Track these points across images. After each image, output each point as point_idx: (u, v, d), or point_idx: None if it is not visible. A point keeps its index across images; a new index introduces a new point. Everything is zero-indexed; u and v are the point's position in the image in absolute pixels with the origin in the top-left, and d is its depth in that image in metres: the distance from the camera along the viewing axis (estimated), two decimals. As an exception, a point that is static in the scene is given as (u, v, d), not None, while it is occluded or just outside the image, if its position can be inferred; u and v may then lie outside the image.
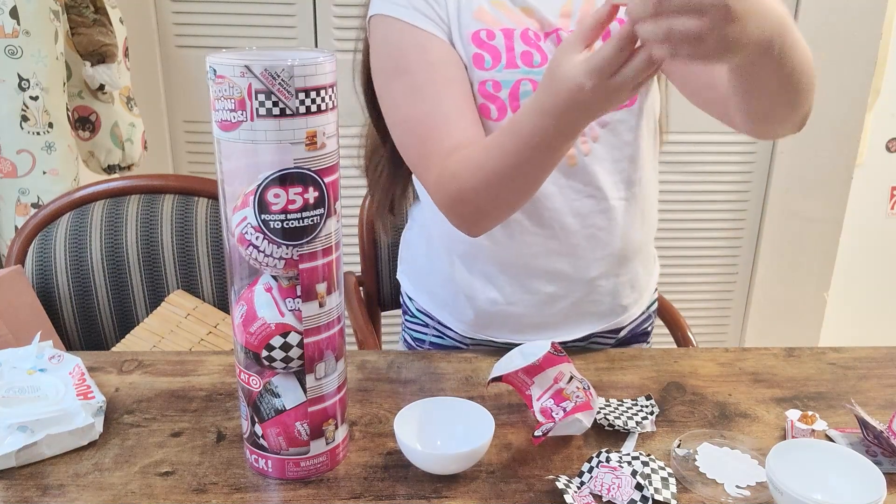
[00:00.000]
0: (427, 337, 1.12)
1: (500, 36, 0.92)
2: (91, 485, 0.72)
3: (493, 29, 0.92)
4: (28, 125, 1.44)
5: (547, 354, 0.84)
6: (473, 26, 0.92)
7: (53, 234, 1.25)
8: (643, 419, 0.83)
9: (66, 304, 1.25)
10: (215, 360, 0.97)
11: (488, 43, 0.92)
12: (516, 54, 0.92)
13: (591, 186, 0.97)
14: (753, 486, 0.74)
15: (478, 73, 0.92)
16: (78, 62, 1.63)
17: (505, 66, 0.92)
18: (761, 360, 0.99)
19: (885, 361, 0.99)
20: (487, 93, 0.93)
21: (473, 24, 0.92)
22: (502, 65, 0.92)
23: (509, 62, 0.92)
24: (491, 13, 0.93)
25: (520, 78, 0.92)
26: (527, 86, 0.92)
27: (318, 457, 0.74)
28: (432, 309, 1.10)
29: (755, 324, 2.32)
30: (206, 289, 1.30)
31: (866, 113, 2.12)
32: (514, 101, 0.93)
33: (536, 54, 0.92)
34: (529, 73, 0.92)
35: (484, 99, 0.93)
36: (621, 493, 0.69)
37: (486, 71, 0.92)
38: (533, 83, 0.92)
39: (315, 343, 0.70)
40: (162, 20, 1.95)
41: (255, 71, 0.61)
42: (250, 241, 0.66)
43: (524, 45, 0.92)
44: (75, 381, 0.84)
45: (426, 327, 1.12)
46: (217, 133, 0.65)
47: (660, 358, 1.00)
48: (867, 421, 0.76)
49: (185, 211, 1.29)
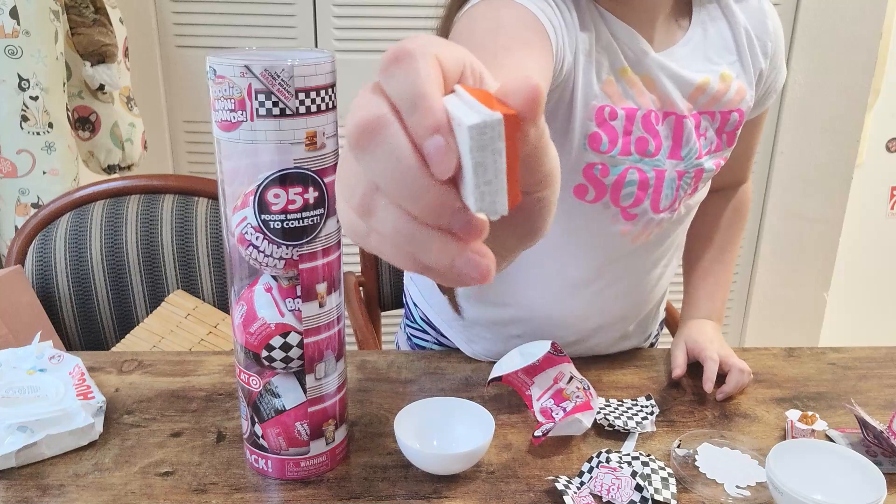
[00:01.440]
0: (427, 344, 1.12)
1: (622, 116, 0.83)
2: (91, 485, 0.72)
3: (616, 107, 0.83)
4: (28, 125, 1.44)
5: (547, 354, 0.84)
6: (600, 100, 0.82)
7: (53, 234, 1.25)
8: (643, 419, 0.83)
9: (66, 304, 1.25)
10: (215, 360, 0.97)
11: (609, 123, 0.83)
12: (632, 139, 0.84)
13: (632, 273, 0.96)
14: (753, 486, 0.74)
15: (589, 155, 0.84)
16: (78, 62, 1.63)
17: (619, 153, 0.84)
18: (761, 360, 0.99)
19: (885, 361, 0.99)
20: (593, 176, 0.85)
21: (601, 98, 0.82)
22: (617, 150, 0.84)
23: (623, 147, 0.84)
24: (617, 87, 0.83)
25: (629, 166, 0.85)
26: (633, 174, 0.85)
27: (318, 457, 0.74)
28: (439, 324, 1.09)
29: (755, 324, 2.32)
30: (206, 289, 1.30)
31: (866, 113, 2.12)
32: (615, 189, 0.86)
33: (652, 142, 0.85)
34: (639, 163, 0.85)
35: (586, 180, 0.85)
36: (621, 494, 0.69)
37: (601, 154, 0.84)
38: (639, 171, 0.85)
39: (315, 343, 0.70)
40: (162, 20, 1.95)
41: (255, 71, 0.61)
42: (250, 241, 0.66)
43: (643, 129, 0.84)
44: (75, 381, 0.84)
45: (426, 334, 1.12)
46: (217, 133, 0.65)
47: (660, 358, 1.00)
48: (867, 421, 0.76)
49: (185, 211, 1.29)
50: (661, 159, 0.87)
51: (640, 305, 1.00)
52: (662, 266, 0.98)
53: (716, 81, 0.88)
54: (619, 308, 0.97)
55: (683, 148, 0.88)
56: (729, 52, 0.90)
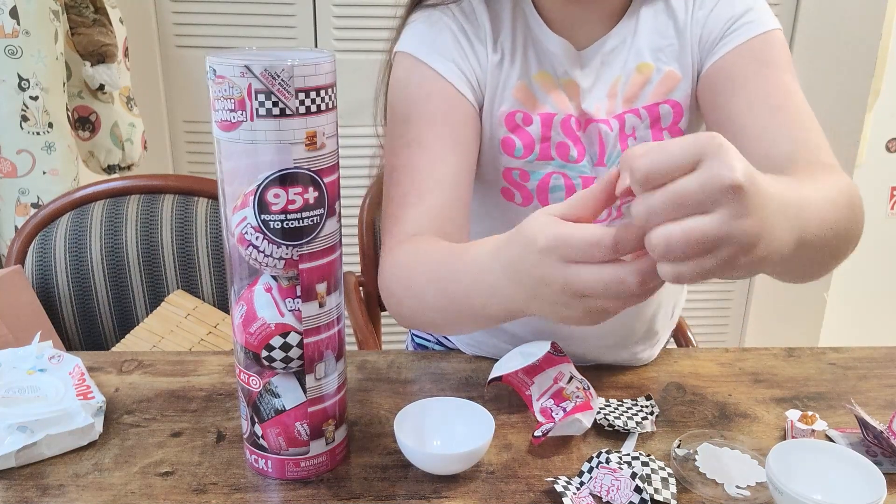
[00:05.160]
0: (430, 345, 1.12)
1: (538, 122, 0.84)
2: (91, 485, 0.72)
3: (532, 113, 0.84)
4: (28, 125, 1.44)
5: (547, 354, 0.84)
6: (510, 105, 0.84)
7: (53, 234, 1.25)
8: (643, 419, 0.83)
9: (66, 304, 1.25)
10: (215, 360, 0.97)
11: (523, 128, 0.84)
12: (552, 145, 0.84)
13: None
14: (753, 486, 0.74)
15: (505, 159, 0.85)
16: (78, 62, 1.63)
17: (537, 158, 0.85)
18: (761, 360, 0.99)
19: (885, 361, 0.99)
20: (514, 180, 0.86)
21: (510, 103, 0.85)
22: (534, 155, 0.85)
23: (543, 153, 0.84)
24: (533, 91, 0.85)
25: (552, 171, 0.85)
26: (558, 179, 0.85)
27: (318, 457, 0.74)
28: None
29: (755, 324, 2.32)
30: (205, 289, 1.30)
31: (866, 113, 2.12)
32: (541, 194, 0.86)
33: (573, 148, 0.85)
34: (563, 168, 0.85)
35: (508, 184, 0.87)
36: (620, 496, 0.69)
37: (515, 159, 0.85)
38: (564, 177, 0.85)
39: (315, 343, 0.70)
40: (162, 20, 1.95)
41: (255, 71, 0.61)
42: (250, 241, 0.66)
43: (563, 134, 0.85)
44: (75, 381, 0.84)
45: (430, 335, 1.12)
46: (217, 133, 0.65)
47: (660, 358, 1.00)
48: (867, 421, 0.76)
49: (185, 211, 1.29)
50: (586, 167, 0.86)
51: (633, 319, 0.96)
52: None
53: (628, 76, 0.85)
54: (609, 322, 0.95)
55: (607, 156, 0.86)
56: (662, 37, 0.86)
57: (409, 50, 0.86)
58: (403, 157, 0.84)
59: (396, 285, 0.79)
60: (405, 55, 0.86)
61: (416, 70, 0.85)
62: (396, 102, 0.87)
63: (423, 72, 0.84)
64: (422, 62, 0.84)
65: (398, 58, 0.88)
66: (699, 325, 2.32)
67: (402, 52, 0.87)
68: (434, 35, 0.85)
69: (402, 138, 0.84)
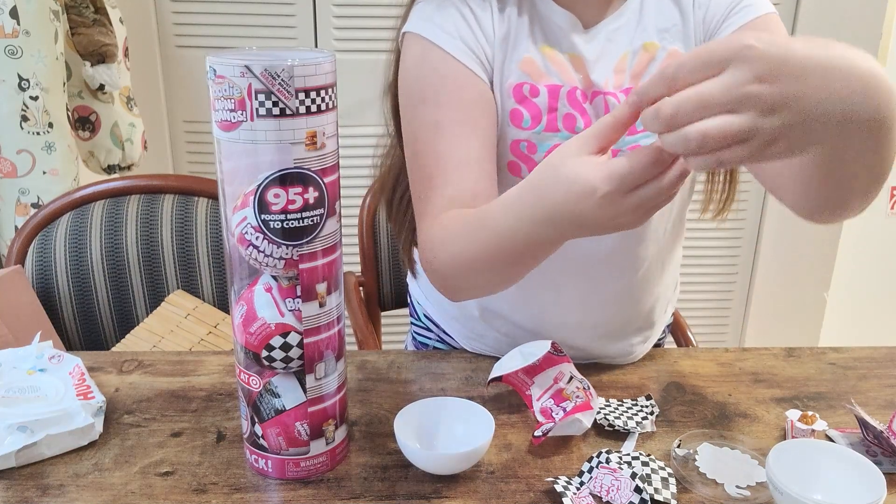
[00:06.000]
0: (430, 342, 1.12)
1: (545, 93, 0.85)
2: (91, 485, 0.72)
3: (538, 84, 0.85)
4: (28, 125, 1.44)
5: (547, 354, 0.84)
6: (517, 77, 0.85)
7: (53, 234, 1.25)
8: (643, 419, 0.83)
9: (66, 304, 1.25)
10: (215, 360, 0.97)
11: (530, 100, 0.85)
12: (559, 116, 0.85)
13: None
14: (753, 486, 0.74)
15: (513, 131, 0.86)
16: (78, 62, 1.63)
17: (545, 129, 0.85)
18: (761, 360, 0.99)
19: (885, 361, 0.99)
20: (521, 153, 0.87)
21: (517, 75, 0.85)
22: (542, 126, 0.85)
23: (550, 124, 0.85)
24: (539, 64, 0.86)
25: (558, 142, 0.84)
26: None
27: (318, 457, 0.74)
28: (440, 320, 1.09)
29: (755, 324, 2.32)
30: (206, 289, 1.30)
31: (866, 113, 2.11)
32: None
33: (580, 119, 0.85)
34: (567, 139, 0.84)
35: (516, 157, 0.87)
36: (620, 496, 0.69)
37: (523, 130, 0.86)
38: None
39: (315, 343, 0.70)
40: (162, 20, 1.95)
41: (255, 71, 0.61)
42: (250, 241, 0.66)
43: (569, 106, 0.85)
44: (75, 381, 0.84)
45: (430, 331, 1.12)
46: (217, 133, 0.65)
47: (660, 358, 1.00)
48: (867, 421, 0.76)
49: (185, 211, 1.29)
50: None
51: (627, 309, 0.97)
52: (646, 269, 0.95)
53: (636, 53, 0.86)
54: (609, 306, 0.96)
55: None
56: (667, 19, 0.87)
57: (416, 30, 0.86)
58: (422, 141, 0.85)
59: (441, 251, 0.81)
60: (413, 36, 0.86)
61: (425, 51, 0.85)
62: (409, 86, 0.87)
63: (432, 53, 0.85)
64: (430, 42, 0.85)
65: (407, 39, 0.87)
66: (699, 325, 2.32)
67: (409, 32, 0.87)
68: (440, 14, 0.86)
69: (419, 121, 0.85)
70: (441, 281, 0.85)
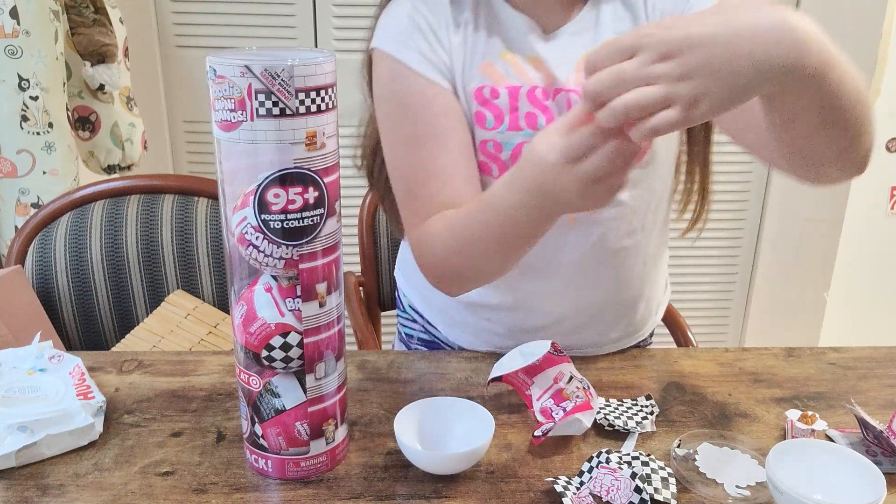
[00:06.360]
0: (415, 333, 1.12)
1: (505, 94, 0.88)
2: (91, 485, 0.72)
3: (498, 87, 0.88)
4: (28, 125, 1.44)
5: (547, 354, 0.84)
6: (477, 81, 0.89)
7: (53, 234, 1.25)
8: (643, 419, 0.83)
9: (66, 304, 1.25)
10: (215, 360, 0.97)
11: (491, 102, 0.88)
12: (520, 115, 0.88)
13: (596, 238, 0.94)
14: (753, 486, 0.74)
15: (479, 132, 0.89)
16: (78, 62, 1.63)
17: (507, 128, 0.88)
18: (761, 360, 0.99)
19: (885, 361, 0.99)
20: (488, 152, 0.90)
21: (477, 80, 0.89)
22: (504, 126, 0.88)
23: (512, 124, 0.88)
24: (498, 67, 0.89)
25: (522, 140, 0.88)
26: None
27: (318, 457, 0.74)
28: (424, 311, 1.10)
29: (755, 324, 2.32)
30: (206, 289, 1.30)
31: (866, 113, 2.12)
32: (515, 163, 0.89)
33: (541, 116, 0.88)
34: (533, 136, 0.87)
35: (485, 157, 0.90)
36: (620, 496, 0.69)
37: (488, 131, 0.89)
38: None
39: (315, 343, 0.70)
40: (162, 20, 1.95)
41: (255, 71, 0.61)
42: (250, 241, 0.66)
43: (530, 105, 0.88)
44: (75, 381, 0.84)
45: (415, 323, 1.12)
46: (217, 133, 0.65)
47: (660, 358, 1.00)
48: (867, 421, 0.76)
49: (185, 211, 1.29)
50: None
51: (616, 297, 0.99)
52: (635, 257, 0.97)
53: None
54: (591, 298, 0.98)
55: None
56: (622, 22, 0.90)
57: (381, 46, 0.90)
58: (401, 156, 0.90)
59: (437, 230, 0.84)
60: (379, 52, 0.90)
61: (391, 68, 0.89)
62: (384, 101, 0.91)
63: (397, 69, 0.88)
64: (393, 58, 0.88)
65: (375, 55, 0.92)
66: (699, 325, 2.32)
67: (374, 48, 0.91)
68: (397, 28, 0.89)
69: (395, 135, 0.91)
70: (441, 272, 0.87)
